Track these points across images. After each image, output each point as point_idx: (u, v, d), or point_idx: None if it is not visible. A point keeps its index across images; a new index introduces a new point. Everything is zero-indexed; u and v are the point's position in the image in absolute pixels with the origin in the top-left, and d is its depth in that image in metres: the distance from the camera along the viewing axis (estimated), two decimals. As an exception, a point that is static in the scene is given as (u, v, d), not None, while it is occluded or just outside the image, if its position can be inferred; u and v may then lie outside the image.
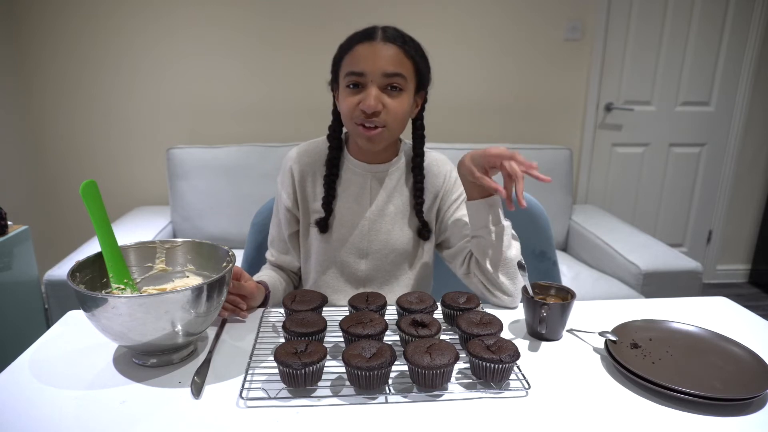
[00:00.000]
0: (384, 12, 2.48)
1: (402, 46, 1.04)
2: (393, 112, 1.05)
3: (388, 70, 1.03)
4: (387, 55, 1.03)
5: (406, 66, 1.05)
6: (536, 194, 1.62)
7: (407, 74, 1.05)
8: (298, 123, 2.65)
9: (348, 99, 1.05)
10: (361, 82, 1.04)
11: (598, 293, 2.09)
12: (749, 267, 3.29)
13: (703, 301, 1.17)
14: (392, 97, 1.05)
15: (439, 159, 1.24)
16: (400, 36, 1.05)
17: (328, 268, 1.19)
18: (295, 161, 1.19)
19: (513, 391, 0.82)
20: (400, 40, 1.04)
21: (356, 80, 1.04)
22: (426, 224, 1.19)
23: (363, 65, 1.03)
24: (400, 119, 1.07)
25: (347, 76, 1.05)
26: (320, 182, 1.17)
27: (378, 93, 1.03)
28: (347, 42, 1.07)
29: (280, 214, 1.22)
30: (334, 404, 0.78)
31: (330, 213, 1.16)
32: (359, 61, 1.03)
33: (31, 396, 0.79)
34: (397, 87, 1.04)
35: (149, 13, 2.47)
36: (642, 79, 2.85)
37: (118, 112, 2.58)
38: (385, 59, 1.03)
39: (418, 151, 1.16)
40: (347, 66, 1.05)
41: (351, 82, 1.05)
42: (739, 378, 0.83)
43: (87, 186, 0.90)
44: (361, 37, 1.05)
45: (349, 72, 1.04)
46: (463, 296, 1.03)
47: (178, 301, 0.80)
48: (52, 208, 2.67)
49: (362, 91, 1.04)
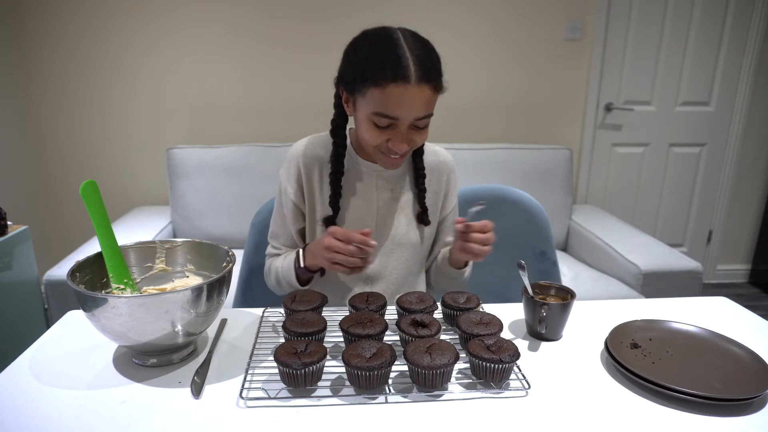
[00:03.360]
0: (384, 12, 2.48)
1: (434, 83, 0.98)
2: (419, 142, 1.07)
3: (421, 115, 1.00)
4: (421, 100, 0.97)
5: (435, 101, 1.01)
6: (536, 194, 1.62)
7: (434, 106, 1.02)
8: (298, 123, 2.64)
9: (374, 134, 1.02)
10: (390, 123, 1.00)
11: (598, 293, 2.09)
12: (749, 267, 3.29)
13: (703, 301, 1.17)
14: (419, 133, 1.04)
15: (440, 153, 1.25)
16: (433, 68, 0.98)
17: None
18: (302, 155, 1.17)
19: (513, 391, 0.82)
20: (434, 76, 0.98)
21: (386, 122, 1.00)
22: (426, 210, 1.20)
23: (396, 111, 0.98)
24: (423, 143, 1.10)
25: (376, 115, 0.99)
26: (326, 178, 1.16)
27: (409, 134, 1.02)
28: (375, 71, 0.96)
29: (286, 209, 1.20)
30: (334, 404, 0.78)
31: (337, 211, 1.16)
32: (392, 105, 0.97)
33: (31, 396, 0.79)
34: (425, 124, 1.03)
35: (149, 13, 2.47)
36: (642, 79, 2.85)
37: (118, 112, 2.58)
38: (419, 106, 0.98)
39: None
40: (376, 104, 0.98)
41: (379, 123, 1.00)
42: (739, 378, 0.83)
43: (87, 186, 0.90)
44: (394, 75, 0.95)
45: (380, 113, 0.99)
46: (463, 296, 1.03)
47: (178, 301, 0.80)
48: (52, 208, 2.67)
49: (390, 129, 1.01)
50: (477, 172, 2.52)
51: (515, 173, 2.55)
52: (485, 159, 2.55)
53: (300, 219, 1.21)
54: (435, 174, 1.22)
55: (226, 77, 2.59)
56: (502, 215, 1.52)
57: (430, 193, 1.22)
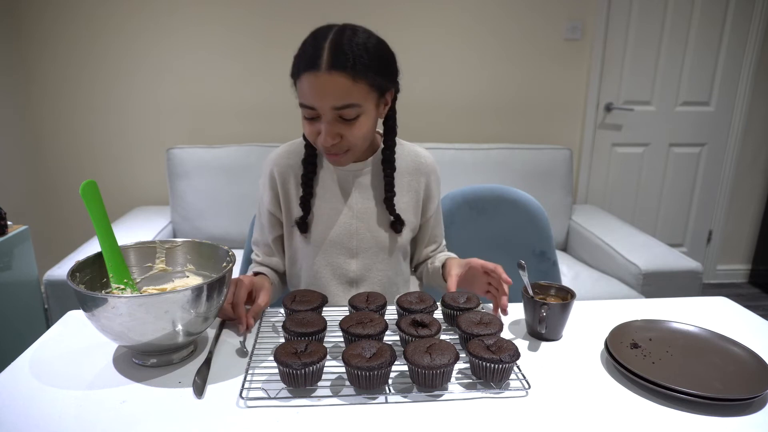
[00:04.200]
0: (384, 12, 2.48)
1: (351, 71, 0.94)
2: (352, 137, 1.01)
3: (337, 105, 0.96)
4: (334, 88, 0.94)
5: (356, 92, 0.96)
6: (536, 194, 1.62)
7: (360, 99, 0.97)
8: (298, 123, 2.60)
9: (308, 127, 1.02)
10: (314, 114, 0.99)
11: (598, 293, 2.09)
12: (749, 267, 3.29)
13: (703, 301, 1.17)
14: (348, 125, 0.99)
15: (421, 154, 1.21)
16: (348, 56, 0.94)
17: (319, 270, 1.18)
18: (275, 164, 1.17)
19: (513, 391, 0.82)
20: (348, 64, 0.94)
21: (310, 113, 0.99)
22: (398, 216, 1.15)
23: (311, 100, 0.96)
24: (363, 139, 1.03)
25: (301, 107, 1.00)
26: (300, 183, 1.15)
27: (332, 126, 0.98)
28: (296, 60, 0.99)
29: (263, 218, 1.20)
30: (334, 404, 0.78)
31: (308, 211, 1.14)
32: (307, 95, 0.97)
33: (31, 396, 0.79)
34: (351, 116, 0.98)
35: (149, 13, 2.47)
36: (642, 79, 2.85)
37: (118, 112, 2.58)
38: (333, 94, 0.95)
39: (389, 143, 1.12)
40: (299, 95, 0.99)
41: (305, 115, 1.00)
42: (739, 378, 0.83)
43: (87, 186, 0.90)
44: (307, 62, 0.95)
45: (301, 104, 0.99)
46: (463, 296, 1.03)
47: (178, 301, 0.80)
48: (52, 208, 2.67)
49: (318, 120, 1.00)
50: (477, 172, 2.52)
51: (515, 173, 2.55)
52: (485, 159, 2.55)
53: (277, 227, 1.21)
54: (415, 176, 1.19)
55: (225, 77, 2.59)
56: (502, 215, 1.52)
57: (411, 194, 1.19)
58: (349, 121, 0.99)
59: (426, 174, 1.21)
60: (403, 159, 1.18)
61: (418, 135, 2.58)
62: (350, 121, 0.99)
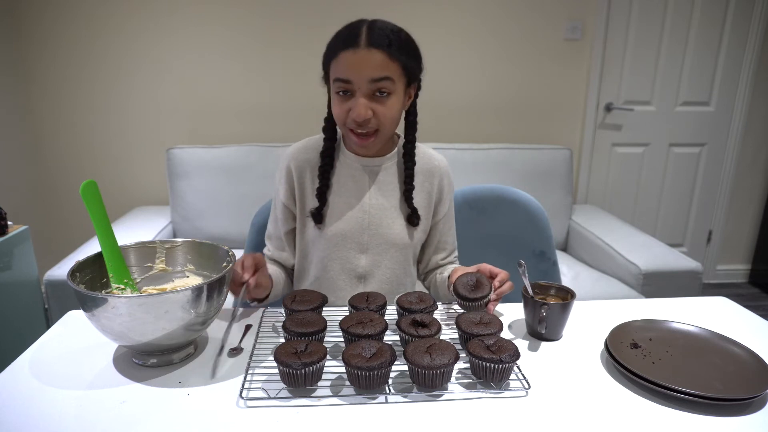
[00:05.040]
0: (383, 12, 2.47)
1: (387, 50, 1.01)
2: (383, 116, 1.05)
3: (374, 76, 1.01)
4: (372, 61, 1.01)
5: (392, 68, 1.03)
6: (536, 194, 1.62)
7: (395, 76, 1.03)
8: (298, 123, 2.64)
9: (339, 105, 1.06)
10: (349, 89, 1.03)
11: (598, 293, 2.09)
12: (749, 267, 3.29)
13: (703, 301, 1.17)
14: (381, 102, 1.04)
15: (434, 157, 1.25)
16: (385, 37, 1.02)
17: (329, 263, 1.19)
18: (293, 158, 1.19)
19: (513, 391, 0.82)
20: (385, 43, 1.01)
21: (344, 87, 1.03)
22: (415, 210, 1.19)
23: (348, 73, 1.02)
24: (391, 121, 1.08)
25: (335, 82, 1.04)
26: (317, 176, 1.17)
27: (366, 101, 1.03)
28: (332, 45, 1.05)
29: (278, 211, 1.22)
30: (334, 404, 0.78)
31: (324, 203, 1.16)
32: (344, 69, 1.02)
33: (31, 396, 0.79)
34: (385, 91, 1.04)
35: (149, 13, 2.47)
36: (642, 79, 2.85)
37: (118, 112, 2.58)
38: (371, 67, 1.01)
39: (410, 137, 1.17)
40: (334, 72, 1.04)
41: (339, 89, 1.04)
42: (739, 378, 0.83)
43: (87, 186, 0.90)
44: (345, 42, 1.02)
45: (336, 79, 1.04)
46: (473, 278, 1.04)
47: (178, 301, 0.80)
48: (52, 208, 2.67)
49: (351, 98, 1.04)
50: (477, 172, 2.52)
51: (515, 173, 2.55)
52: (485, 159, 2.55)
53: (290, 220, 1.22)
54: (428, 177, 1.22)
55: (225, 77, 2.59)
56: (502, 215, 1.52)
57: (424, 194, 1.21)
58: (381, 97, 1.04)
59: (439, 176, 1.23)
60: (418, 159, 1.20)
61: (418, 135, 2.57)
62: (383, 98, 1.04)
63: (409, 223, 1.19)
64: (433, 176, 1.22)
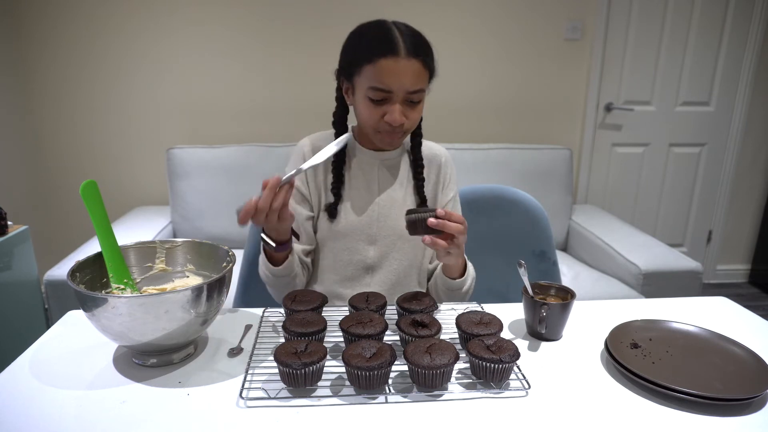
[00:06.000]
0: (384, 12, 2.47)
1: (424, 60, 1.04)
2: (413, 120, 1.10)
3: (413, 89, 1.04)
4: (412, 72, 1.03)
5: (425, 78, 1.07)
6: (536, 194, 1.62)
7: (425, 85, 1.08)
8: (298, 123, 2.64)
9: (371, 110, 1.07)
10: (385, 97, 1.05)
11: (598, 293, 2.09)
12: (749, 267, 3.29)
13: (703, 301, 1.17)
14: (413, 108, 1.08)
15: (435, 147, 1.28)
16: (421, 46, 1.04)
17: (338, 254, 1.20)
18: (309, 147, 1.21)
19: (513, 391, 0.82)
20: (422, 52, 1.04)
21: (381, 96, 1.05)
22: (425, 200, 1.22)
23: (389, 83, 1.03)
24: (417, 123, 1.14)
25: (371, 89, 1.04)
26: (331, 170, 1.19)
27: (402, 108, 1.06)
28: (368, 49, 1.04)
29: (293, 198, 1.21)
30: (334, 404, 0.78)
31: (339, 198, 1.18)
32: (384, 78, 1.02)
33: (31, 396, 0.79)
34: (418, 99, 1.07)
35: (149, 13, 2.47)
36: (642, 79, 2.85)
37: (118, 112, 2.58)
38: (411, 78, 1.03)
39: (417, 131, 1.21)
40: (370, 79, 1.04)
41: (374, 97, 1.05)
42: (739, 378, 0.83)
43: (87, 186, 0.90)
44: (384, 49, 1.02)
45: (374, 87, 1.04)
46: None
47: (178, 301, 0.80)
48: (52, 208, 2.67)
49: (385, 103, 1.06)
50: (477, 172, 2.52)
51: (515, 173, 2.55)
52: (485, 159, 2.55)
53: (306, 206, 1.21)
54: (433, 167, 1.25)
55: (226, 77, 2.59)
56: (502, 215, 1.52)
57: (430, 185, 1.24)
58: (414, 104, 1.08)
59: (443, 164, 1.26)
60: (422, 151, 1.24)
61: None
62: (415, 104, 1.08)
63: None
64: (437, 165, 1.25)
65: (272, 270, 1.09)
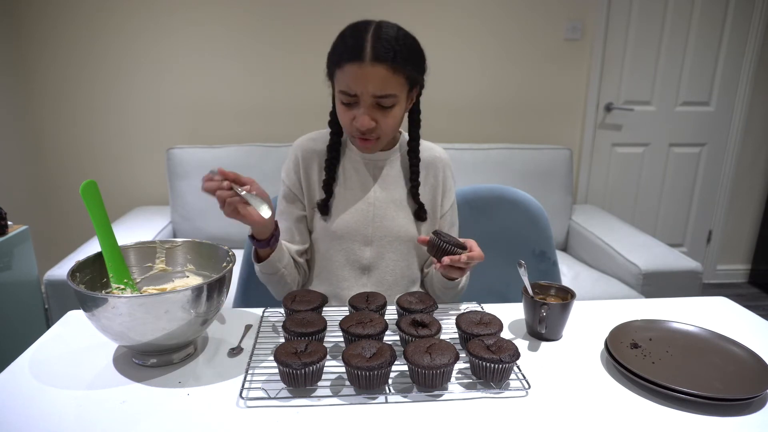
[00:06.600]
0: (383, 12, 2.48)
1: (392, 63, 1.01)
2: (385, 125, 1.08)
3: (378, 93, 1.03)
4: (376, 78, 1.01)
5: (396, 82, 1.04)
6: (536, 194, 1.62)
7: (398, 90, 1.05)
8: (298, 123, 2.64)
9: (343, 113, 1.08)
10: (353, 101, 1.05)
11: (598, 293, 2.09)
12: (749, 267, 3.29)
13: (703, 301, 1.17)
14: (384, 113, 1.07)
15: (435, 149, 1.27)
16: (389, 49, 1.01)
17: (334, 254, 1.20)
18: (301, 148, 1.22)
19: (513, 391, 0.82)
20: (390, 56, 1.01)
21: (349, 100, 1.05)
22: (422, 205, 1.21)
23: (353, 87, 1.03)
24: (393, 128, 1.11)
25: (340, 93, 1.06)
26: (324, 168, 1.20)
27: (370, 111, 1.05)
28: (337, 53, 1.05)
29: (286, 199, 1.23)
30: (334, 404, 0.78)
31: (330, 194, 1.18)
32: (349, 82, 1.03)
33: (31, 396, 0.79)
34: (388, 104, 1.06)
35: (149, 13, 2.47)
36: (642, 79, 2.85)
37: (118, 112, 2.58)
38: (375, 83, 1.02)
39: (414, 134, 1.20)
40: (338, 82, 1.06)
41: (343, 100, 1.06)
42: (739, 378, 0.83)
43: (87, 186, 0.90)
44: (350, 54, 1.02)
45: (342, 91, 1.05)
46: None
47: (178, 301, 0.80)
48: (52, 208, 2.67)
49: (356, 107, 1.06)
50: (477, 172, 2.52)
51: (515, 173, 2.55)
52: (485, 159, 2.55)
53: (298, 206, 1.22)
54: (432, 170, 1.24)
55: (226, 77, 2.59)
56: (502, 215, 1.52)
57: (428, 188, 1.23)
58: (384, 108, 1.06)
59: (442, 168, 1.25)
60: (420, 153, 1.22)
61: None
62: (386, 109, 1.06)
63: (417, 218, 1.22)
64: (437, 168, 1.24)
65: (256, 265, 1.13)
